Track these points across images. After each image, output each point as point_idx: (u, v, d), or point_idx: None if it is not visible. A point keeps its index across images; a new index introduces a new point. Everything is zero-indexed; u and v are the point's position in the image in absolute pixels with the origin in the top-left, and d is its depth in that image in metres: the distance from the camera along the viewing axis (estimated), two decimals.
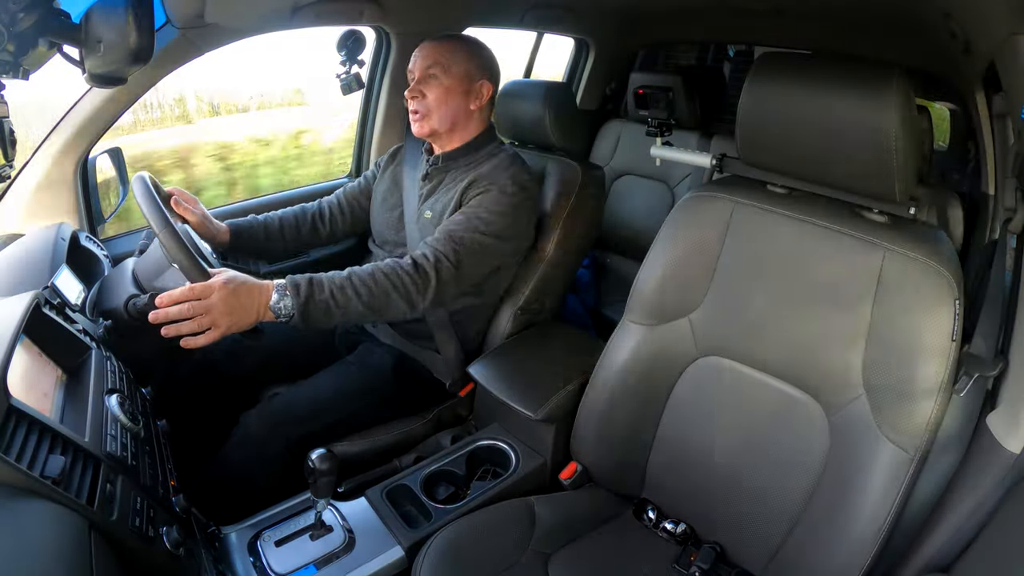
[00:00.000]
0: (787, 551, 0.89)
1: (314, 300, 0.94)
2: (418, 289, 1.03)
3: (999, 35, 0.80)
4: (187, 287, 0.87)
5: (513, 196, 1.14)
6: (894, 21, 1.39)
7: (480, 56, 1.23)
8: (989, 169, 1.43)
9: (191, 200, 1.17)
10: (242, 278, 0.91)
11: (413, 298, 1.03)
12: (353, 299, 0.98)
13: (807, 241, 0.89)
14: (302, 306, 0.93)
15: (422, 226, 1.22)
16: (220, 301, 0.87)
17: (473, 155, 1.23)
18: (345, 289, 0.97)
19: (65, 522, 0.54)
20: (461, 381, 1.28)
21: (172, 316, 0.85)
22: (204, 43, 1.21)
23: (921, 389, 0.78)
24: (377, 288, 1.00)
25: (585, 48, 2.23)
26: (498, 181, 1.15)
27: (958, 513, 0.77)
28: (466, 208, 1.14)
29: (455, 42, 1.22)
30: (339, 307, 0.96)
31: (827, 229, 0.87)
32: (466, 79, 1.20)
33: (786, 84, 0.84)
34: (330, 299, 0.96)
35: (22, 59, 0.68)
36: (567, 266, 1.35)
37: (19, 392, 0.61)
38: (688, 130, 2.07)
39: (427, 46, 1.21)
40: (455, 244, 1.08)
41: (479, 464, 1.16)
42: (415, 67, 1.20)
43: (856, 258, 0.84)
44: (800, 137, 0.84)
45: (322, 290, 0.95)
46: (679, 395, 1.00)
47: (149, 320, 0.86)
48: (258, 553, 0.91)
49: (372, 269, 1.01)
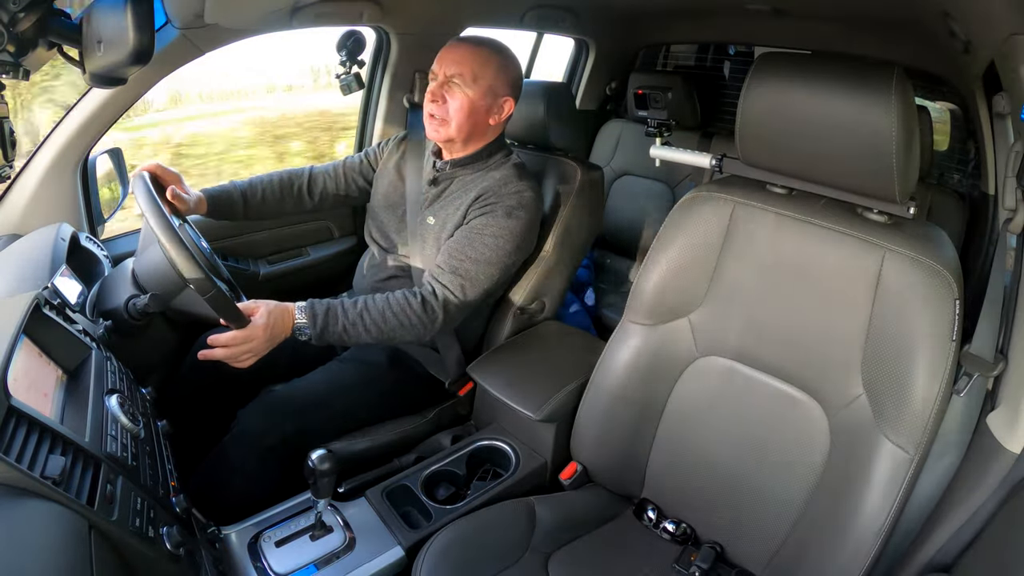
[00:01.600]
0: (787, 551, 0.89)
1: (328, 330, 1.05)
2: (424, 325, 1.10)
3: (999, 35, 0.81)
4: (232, 335, 0.97)
5: (517, 219, 1.15)
6: (894, 21, 1.39)
7: (508, 71, 1.18)
8: (989, 169, 1.43)
9: (174, 177, 1.15)
10: (275, 310, 1.02)
11: (420, 333, 1.11)
12: (364, 334, 1.07)
13: (807, 241, 0.89)
14: (319, 334, 1.04)
15: (424, 231, 1.22)
16: (262, 342, 0.99)
17: (483, 163, 1.22)
18: (357, 325, 1.06)
19: (65, 522, 0.54)
20: (461, 381, 1.28)
21: (218, 357, 0.97)
22: (204, 43, 1.21)
23: (921, 389, 0.77)
24: (386, 326, 1.08)
25: (585, 48, 2.23)
26: (503, 199, 1.15)
27: (958, 513, 0.77)
28: (470, 231, 1.14)
29: (487, 51, 1.16)
30: (351, 337, 1.07)
31: (827, 229, 0.87)
32: (490, 94, 1.16)
33: (786, 84, 0.83)
34: (343, 332, 1.06)
35: (22, 59, 0.68)
36: (567, 266, 1.35)
37: (19, 392, 0.61)
38: (688, 130, 2.07)
39: (457, 49, 1.15)
40: (461, 279, 1.12)
41: (479, 464, 1.16)
42: (440, 68, 1.15)
43: (856, 258, 0.84)
44: (800, 137, 0.84)
45: (336, 322, 1.05)
46: (679, 395, 1.00)
47: (199, 357, 0.97)
48: (258, 553, 0.91)
49: (383, 305, 1.08)
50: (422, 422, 1.25)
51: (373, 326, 1.07)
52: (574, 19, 1.91)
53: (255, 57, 3.89)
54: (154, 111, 3.79)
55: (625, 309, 1.05)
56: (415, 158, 1.31)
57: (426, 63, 1.28)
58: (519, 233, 1.16)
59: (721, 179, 1.03)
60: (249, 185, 1.32)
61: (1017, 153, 0.82)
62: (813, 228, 0.88)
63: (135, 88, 1.21)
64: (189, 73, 1.27)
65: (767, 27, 1.74)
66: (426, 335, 1.12)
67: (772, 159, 0.91)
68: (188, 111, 4.15)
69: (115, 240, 1.38)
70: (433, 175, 1.24)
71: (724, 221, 0.95)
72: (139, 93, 1.23)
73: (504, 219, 1.14)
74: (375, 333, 1.07)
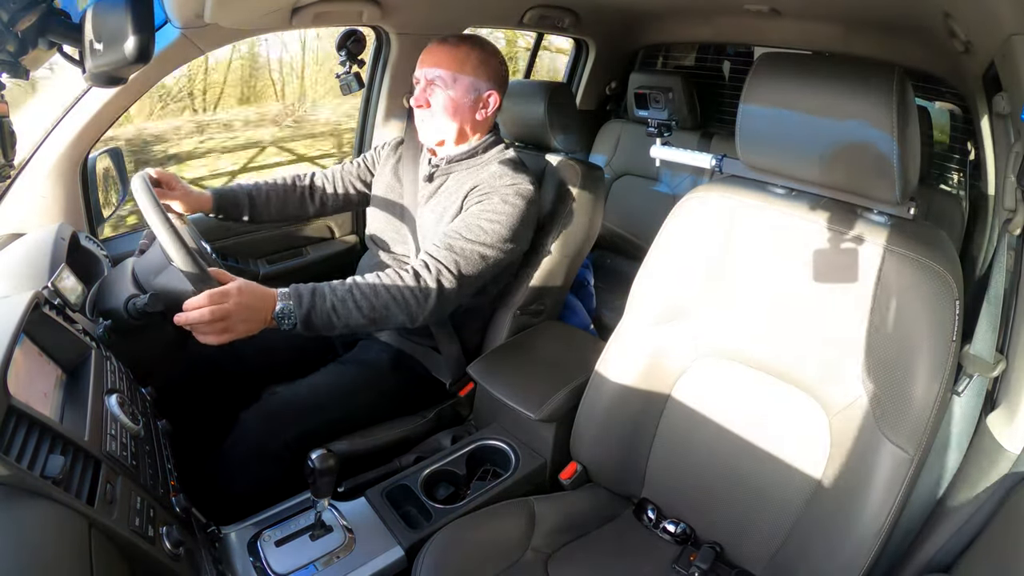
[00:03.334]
0: (787, 551, 0.89)
1: (316, 311, 0.96)
2: (419, 302, 1.04)
3: (999, 35, 0.81)
4: (206, 293, 0.89)
5: (514, 206, 1.13)
6: (894, 21, 1.40)
7: (489, 65, 1.19)
8: (989, 169, 1.43)
9: (170, 178, 1.17)
10: (253, 285, 0.94)
11: (413, 311, 1.04)
12: (354, 311, 0.99)
13: (807, 242, 0.89)
14: (304, 316, 0.95)
15: (423, 227, 1.22)
16: (236, 307, 0.90)
17: (478, 158, 1.23)
18: (347, 301, 0.98)
19: (65, 522, 0.54)
20: (461, 381, 1.28)
21: (192, 320, 0.89)
22: (204, 43, 1.21)
23: (921, 389, 0.78)
24: (378, 301, 1.00)
25: (585, 48, 2.23)
26: (499, 190, 1.14)
27: (958, 513, 0.78)
28: (466, 215, 1.13)
29: (464, 48, 1.17)
30: (340, 318, 0.98)
31: (827, 229, 0.87)
32: (472, 90, 1.17)
33: (786, 84, 0.84)
34: (331, 311, 0.97)
35: (22, 59, 0.68)
36: (567, 266, 1.35)
37: (19, 392, 0.61)
38: (688, 130, 2.07)
39: (435, 52, 1.17)
40: (455, 255, 1.08)
41: (479, 464, 1.16)
42: (421, 72, 1.18)
43: (856, 258, 0.84)
44: (800, 137, 0.84)
45: (324, 300, 0.97)
46: (679, 395, 1.00)
47: (173, 322, 0.89)
48: (258, 553, 0.90)
49: (374, 281, 1.02)
50: (422, 422, 1.25)
51: (364, 301, 0.99)
52: (574, 19, 1.91)
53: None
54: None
55: (625, 309, 1.05)
56: (411, 160, 1.31)
57: None
58: (515, 219, 1.13)
59: (721, 179, 1.03)
60: (255, 187, 1.33)
61: (1017, 153, 0.82)
62: (813, 228, 0.88)
63: (135, 88, 1.21)
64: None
65: (767, 27, 1.74)
66: (420, 313, 1.04)
67: (772, 159, 0.91)
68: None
69: (115, 240, 1.38)
70: (429, 171, 1.25)
71: (724, 221, 0.95)
72: (139, 93, 1.23)
73: (500, 204, 1.13)
74: (366, 310, 0.99)
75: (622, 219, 2.16)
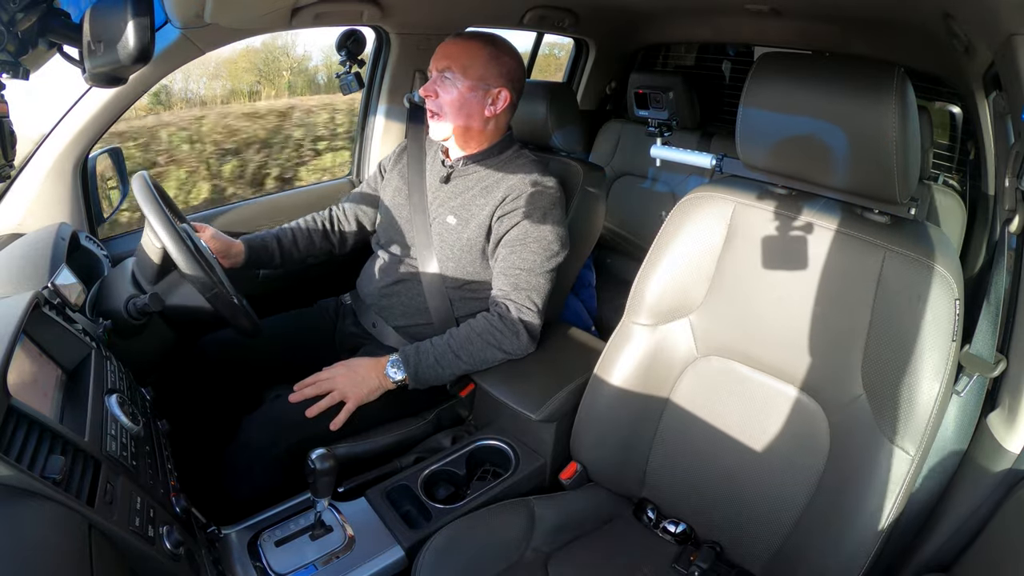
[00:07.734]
0: (787, 551, 0.89)
1: (422, 367, 1.12)
2: (511, 341, 1.16)
3: (999, 35, 0.81)
4: (312, 377, 1.10)
5: (553, 220, 1.18)
6: (894, 21, 1.39)
7: (500, 62, 1.18)
8: (989, 169, 1.43)
9: (201, 227, 1.25)
10: (357, 360, 1.14)
11: (509, 346, 1.16)
12: (454, 360, 1.14)
13: (807, 241, 0.89)
14: (414, 373, 1.12)
15: (442, 231, 1.22)
16: (340, 377, 1.09)
17: (495, 159, 1.23)
18: (447, 355, 1.14)
19: (65, 522, 0.54)
20: (461, 382, 1.28)
21: (308, 395, 1.07)
22: (204, 43, 1.21)
23: (921, 389, 0.78)
24: (473, 346, 1.14)
25: (585, 48, 2.23)
26: (534, 201, 1.16)
27: (958, 513, 0.78)
28: (512, 243, 1.16)
29: (477, 43, 1.18)
30: (444, 368, 1.14)
31: (827, 230, 0.87)
32: (481, 84, 1.17)
33: (786, 84, 0.84)
34: (436, 364, 1.13)
35: (22, 59, 0.68)
36: (567, 266, 1.35)
37: (19, 392, 0.61)
38: (688, 130, 2.07)
39: (448, 44, 1.18)
40: (525, 291, 1.16)
41: (479, 464, 1.16)
42: (433, 65, 1.19)
43: (856, 258, 0.84)
44: (800, 137, 0.84)
45: (428, 358, 1.13)
46: (679, 395, 1.00)
47: (289, 401, 1.07)
48: (258, 553, 0.90)
49: (466, 331, 1.15)
50: (422, 423, 1.24)
51: (462, 350, 1.13)
52: (574, 19, 1.91)
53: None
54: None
55: (625, 309, 1.05)
56: (417, 161, 1.31)
57: (426, 63, 1.28)
58: (559, 231, 1.19)
59: (721, 179, 1.03)
60: (280, 231, 1.39)
61: (1017, 153, 0.82)
62: (813, 228, 0.88)
63: (135, 88, 1.21)
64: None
65: (767, 27, 1.74)
66: (518, 349, 1.16)
67: (772, 159, 0.91)
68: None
69: (115, 240, 1.38)
70: (445, 173, 1.25)
71: (724, 221, 0.95)
72: (139, 93, 1.23)
73: (540, 224, 1.16)
74: (466, 358, 1.14)
75: (622, 219, 2.16)
